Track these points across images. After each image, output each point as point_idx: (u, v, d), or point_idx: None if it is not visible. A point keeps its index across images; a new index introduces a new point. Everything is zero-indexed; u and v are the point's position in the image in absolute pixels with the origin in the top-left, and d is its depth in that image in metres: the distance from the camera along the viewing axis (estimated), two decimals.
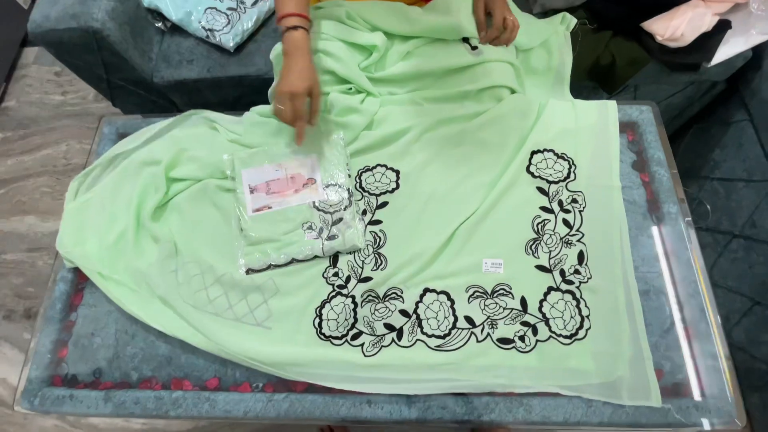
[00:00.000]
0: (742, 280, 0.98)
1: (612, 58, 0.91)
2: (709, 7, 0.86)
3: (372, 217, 0.69)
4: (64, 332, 0.68)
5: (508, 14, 0.70)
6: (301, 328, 0.62)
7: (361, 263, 0.66)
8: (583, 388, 0.57)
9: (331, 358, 0.60)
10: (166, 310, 0.64)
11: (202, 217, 0.71)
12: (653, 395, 0.57)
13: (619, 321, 0.60)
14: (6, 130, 1.60)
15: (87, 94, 1.62)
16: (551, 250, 0.65)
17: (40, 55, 1.72)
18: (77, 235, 0.71)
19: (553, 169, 0.71)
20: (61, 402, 0.63)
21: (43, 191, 1.45)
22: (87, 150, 1.52)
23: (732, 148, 1.02)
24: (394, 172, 0.72)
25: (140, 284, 0.66)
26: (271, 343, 0.61)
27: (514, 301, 0.62)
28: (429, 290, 0.64)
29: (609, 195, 0.69)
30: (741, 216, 0.98)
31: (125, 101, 1.05)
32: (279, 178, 0.71)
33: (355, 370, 0.59)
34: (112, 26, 0.83)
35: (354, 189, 0.71)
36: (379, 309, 0.63)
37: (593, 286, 0.63)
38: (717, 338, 0.61)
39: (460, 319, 0.62)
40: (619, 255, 0.64)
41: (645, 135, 0.75)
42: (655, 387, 0.57)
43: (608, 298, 0.62)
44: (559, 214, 0.68)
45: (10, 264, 1.36)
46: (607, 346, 0.59)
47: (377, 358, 0.60)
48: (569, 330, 0.60)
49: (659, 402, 0.56)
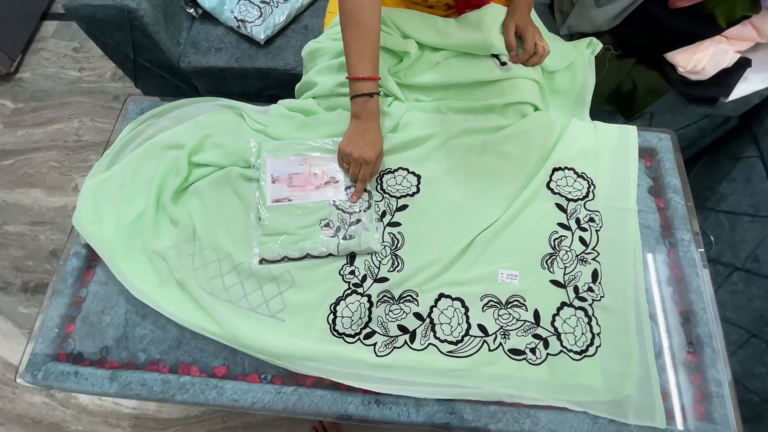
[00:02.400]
0: (740, 312, 1.00)
1: (633, 84, 0.93)
2: (732, 44, 0.89)
3: (391, 219, 0.70)
4: (72, 308, 0.67)
5: (539, 39, 0.72)
6: (315, 323, 0.63)
7: (378, 264, 0.66)
8: (591, 404, 0.58)
9: (342, 355, 0.60)
10: (176, 296, 0.64)
11: (223, 204, 0.71)
12: (658, 416, 0.58)
13: (629, 341, 0.61)
14: (18, 101, 1.58)
15: (104, 73, 1.61)
16: (566, 266, 0.66)
17: (59, 29, 1.72)
18: (94, 213, 0.70)
19: (572, 187, 0.72)
20: (65, 378, 0.62)
21: (51, 165, 1.44)
22: (99, 128, 1.53)
23: (740, 182, 1.04)
24: (416, 177, 0.73)
25: (156, 266, 0.66)
26: (283, 336, 0.61)
27: (527, 313, 0.63)
28: (444, 296, 0.64)
29: (625, 217, 0.70)
30: (744, 249, 1.00)
31: (148, 83, 1.05)
32: (302, 173, 0.71)
33: (366, 369, 0.59)
34: (147, 7, 0.84)
35: (375, 190, 0.72)
36: (393, 310, 0.63)
37: (605, 305, 0.64)
38: (721, 366, 0.62)
39: (473, 327, 0.62)
40: (632, 276, 0.66)
41: (663, 162, 0.77)
42: (660, 408, 0.58)
43: (619, 318, 0.63)
44: (576, 231, 0.69)
45: (12, 236, 1.35)
46: (616, 364, 0.60)
47: (389, 358, 0.60)
48: (580, 346, 0.61)
49: (663, 423, 0.57)
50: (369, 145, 0.66)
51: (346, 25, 0.64)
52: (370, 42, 0.65)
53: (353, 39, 0.64)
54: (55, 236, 1.33)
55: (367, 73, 0.65)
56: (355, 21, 0.63)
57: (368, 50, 0.65)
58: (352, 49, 0.65)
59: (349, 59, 0.65)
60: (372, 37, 0.65)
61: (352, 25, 0.64)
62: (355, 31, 0.64)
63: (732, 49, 0.88)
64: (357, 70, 0.65)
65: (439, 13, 0.81)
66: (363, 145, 0.66)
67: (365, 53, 0.65)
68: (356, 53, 0.65)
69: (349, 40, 0.65)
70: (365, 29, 0.64)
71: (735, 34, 0.89)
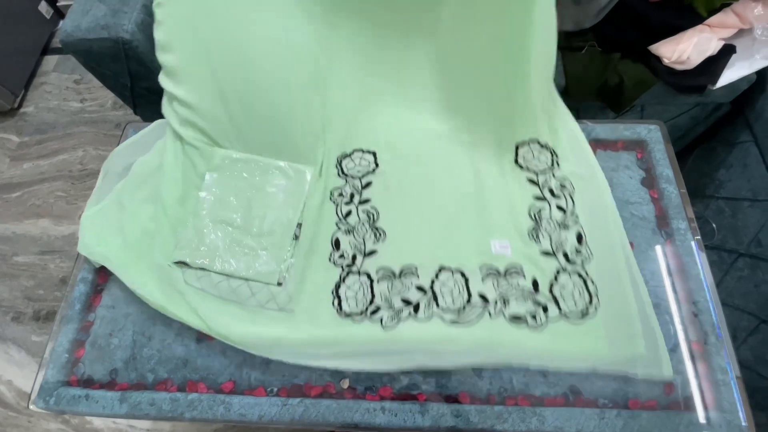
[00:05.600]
0: (748, 299, 0.99)
1: (620, 78, 0.94)
2: (715, 32, 0.89)
3: (360, 198, 0.73)
4: (81, 332, 0.69)
5: None
6: (322, 309, 0.65)
7: (362, 240, 0.69)
8: (597, 365, 0.59)
9: (352, 334, 0.62)
10: (186, 305, 0.65)
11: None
12: (665, 367, 0.58)
13: (626, 297, 0.62)
14: (23, 135, 1.63)
15: (105, 102, 1.66)
16: (551, 234, 0.68)
17: (60, 63, 1.77)
18: (99, 236, 0.72)
19: (538, 159, 0.74)
20: (77, 402, 0.63)
21: (57, 195, 1.48)
22: (103, 156, 1.56)
23: (737, 168, 1.04)
24: (371, 154, 0.76)
25: (164, 279, 0.67)
26: (295, 327, 0.63)
27: (525, 281, 0.65)
28: (444, 268, 0.66)
29: (592, 173, 0.72)
30: (747, 235, 1.00)
31: (147, 109, 1.08)
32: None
33: (375, 345, 0.61)
34: (141, 37, 0.87)
35: (338, 176, 0.75)
36: (395, 285, 0.65)
37: (596, 263, 0.65)
38: (727, 352, 0.62)
39: (474, 296, 0.64)
40: (615, 233, 0.67)
41: (654, 153, 0.77)
42: (666, 358, 0.58)
43: (612, 275, 0.64)
44: (552, 200, 0.71)
45: (22, 266, 1.38)
46: (617, 323, 0.61)
47: (396, 331, 0.62)
48: (579, 309, 0.62)
49: (671, 373, 0.58)
50: None
51: None
52: None
53: None
54: (65, 264, 1.36)
55: None
56: None
57: None
58: None
59: None
60: None
61: None
62: None
63: (715, 37, 0.89)
64: None
65: None
66: None
67: None
68: None
69: None
70: None
71: (717, 22, 0.89)
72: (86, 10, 0.89)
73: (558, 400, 0.60)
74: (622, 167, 0.76)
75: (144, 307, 0.68)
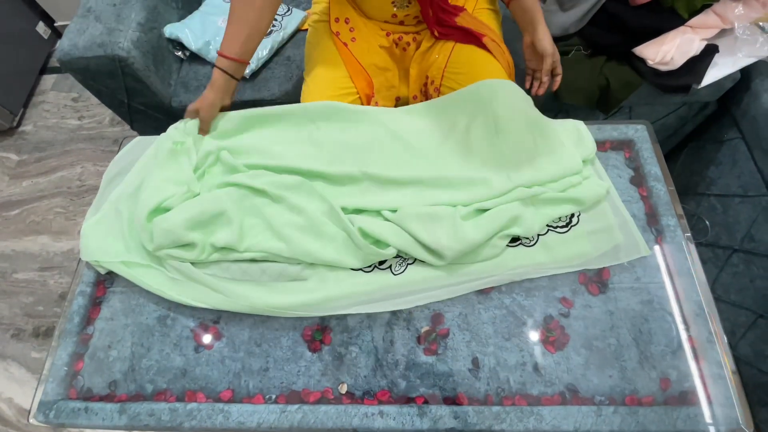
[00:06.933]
0: (744, 294, 0.99)
1: (606, 81, 0.96)
2: (697, 33, 0.92)
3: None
4: (80, 345, 0.69)
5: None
6: (332, 268, 0.67)
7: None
8: (588, 262, 0.66)
9: (366, 283, 0.65)
10: (198, 291, 0.67)
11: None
12: (642, 247, 0.67)
13: (599, 198, 0.70)
14: (22, 153, 1.65)
15: (103, 119, 1.68)
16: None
17: (58, 81, 1.80)
18: (101, 242, 0.72)
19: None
20: (76, 415, 0.63)
21: (56, 212, 1.49)
22: (101, 172, 1.57)
23: (726, 165, 1.05)
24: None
25: (173, 271, 0.68)
26: (310, 290, 0.66)
27: (520, 229, 0.69)
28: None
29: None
30: (739, 230, 1.01)
31: (143, 124, 1.10)
32: None
33: (388, 290, 0.65)
34: (137, 54, 0.89)
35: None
36: None
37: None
38: (720, 346, 0.62)
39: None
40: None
41: (641, 152, 0.79)
42: (641, 241, 0.67)
43: (586, 184, 0.71)
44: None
45: (21, 283, 1.38)
46: (597, 223, 0.69)
47: (406, 274, 0.66)
48: (564, 221, 0.70)
49: (647, 251, 0.67)
50: (198, 100, 0.76)
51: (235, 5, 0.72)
52: (246, 32, 0.72)
53: (232, 21, 0.72)
54: (64, 280, 1.36)
55: (230, 53, 0.72)
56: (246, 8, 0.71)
57: (243, 35, 0.72)
58: (230, 29, 0.73)
59: (224, 35, 0.74)
60: (250, 30, 0.72)
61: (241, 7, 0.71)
62: (240, 17, 0.72)
63: (698, 37, 0.91)
64: (224, 48, 0.73)
65: (409, 29, 0.84)
66: (195, 100, 0.77)
67: (239, 36, 0.72)
68: (231, 33, 0.72)
69: (232, 20, 0.72)
70: (250, 21, 0.71)
71: (699, 23, 0.92)
72: (83, 30, 0.91)
73: (555, 398, 0.60)
74: (610, 167, 0.78)
75: (142, 318, 0.69)
